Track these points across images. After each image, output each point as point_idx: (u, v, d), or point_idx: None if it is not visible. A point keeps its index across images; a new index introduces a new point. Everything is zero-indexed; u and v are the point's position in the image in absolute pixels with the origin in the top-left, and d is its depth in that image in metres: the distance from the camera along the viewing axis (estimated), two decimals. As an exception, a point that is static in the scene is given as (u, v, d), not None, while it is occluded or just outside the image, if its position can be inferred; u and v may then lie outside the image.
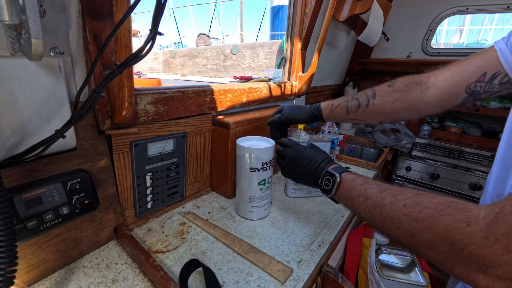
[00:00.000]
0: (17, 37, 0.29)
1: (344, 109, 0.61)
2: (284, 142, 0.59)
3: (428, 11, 1.52)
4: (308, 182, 0.53)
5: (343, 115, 0.62)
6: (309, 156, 0.53)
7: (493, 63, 0.45)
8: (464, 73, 0.48)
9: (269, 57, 1.53)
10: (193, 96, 0.62)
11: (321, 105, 0.64)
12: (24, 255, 0.41)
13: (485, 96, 0.48)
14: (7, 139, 0.36)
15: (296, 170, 0.54)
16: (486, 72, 0.46)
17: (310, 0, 0.95)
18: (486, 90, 0.47)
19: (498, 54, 0.44)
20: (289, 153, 0.55)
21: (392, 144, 1.32)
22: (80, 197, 0.44)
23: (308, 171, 0.52)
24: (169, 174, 0.63)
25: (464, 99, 0.50)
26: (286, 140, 0.59)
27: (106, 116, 0.47)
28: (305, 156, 0.53)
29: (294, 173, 0.54)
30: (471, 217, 0.26)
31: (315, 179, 0.51)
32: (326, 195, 0.48)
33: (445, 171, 1.37)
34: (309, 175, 0.52)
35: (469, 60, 0.49)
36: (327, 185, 0.47)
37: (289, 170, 0.56)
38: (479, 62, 0.47)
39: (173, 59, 2.46)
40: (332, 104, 0.63)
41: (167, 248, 0.53)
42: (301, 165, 0.53)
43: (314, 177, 0.51)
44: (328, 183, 0.47)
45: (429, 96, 0.53)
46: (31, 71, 0.36)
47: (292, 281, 0.46)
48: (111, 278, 0.45)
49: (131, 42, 0.41)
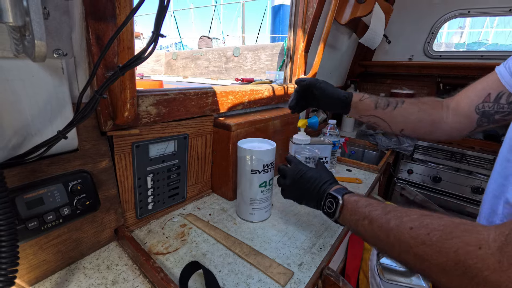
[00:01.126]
0: (20, 38, 0.29)
1: (373, 103, 0.61)
2: (288, 159, 0.58)
3: (430, 14, 1.52)
4: (310, 204, 0.52)
5: (370, 108, 0.61)
6: (312, 177, 0.52)
7: (495, 84, 0.49)
8: (471, 95, 0.53)
9: (271, 59, 1.53)
10: (194, 98, 0.62)
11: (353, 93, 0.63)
12: (25, 255, 0.41)
13: (499, 118, 0.50)
14: (10, 140, 0.36)
15: (298, 191, 0.53)
16: (490, 93, 0.49)
17: (312, 3, 0.95)
18: (496, 110, 0.49)
19: (498, 77, 0.48)
20: (292, 173, 0.54)
21: (394, 146, 1.31)
22: (81, 198, 0.45)
23: (311, 193, 0.51)
24: (170, 176, 0.63)
25: (478, 121, 0.52)
26: (290, 157, 0.59)
27: (108, 118, 0.47)
28: (308, 177, 0.52)
29: (296, 194, 0.54)
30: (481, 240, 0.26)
31: (317, 201, 0.50)
32: (330, 218, 0.48)
33: (447, 174, 1.37)
34: (311, 197, 0.51)
35: (474, 85, 0.54)
36: (330, 208, 0.47)
37: (290, 191, 0.55)
38: (482, 84, 0.52)
39: (175, 61, 2.47)
40: (363, 95, 0.62)
41: (168, 249, 0.53)
42: (303, 186, 0.52)
43: (317, 199, 0.50)
44: (331, 206, 0.46)
45: (447, 116, 0.56)
46: (34, 72, 0.36)
47: (293, 284, 0.46)
48: (111, 280, 0.45)
49: (133, 44, 0.42)
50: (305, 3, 0.96)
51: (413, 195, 1.40)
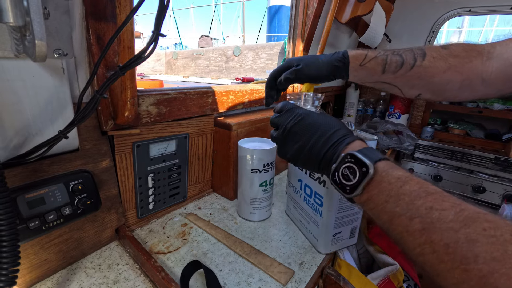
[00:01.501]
0: (21, 38, 0.29)
1: (381, 64, 0.44)
2: (280, 106, 0.41)
3: (431, 13, 1.52)
4: (310, 166, 0.36)
5: (376, 74, 0.45)
6: (315, 124, 0.35)
7: None
8: None
9: (271, 59, 1.53)
10: (195, 97, 0.62)
11: (350, 53, 0.45)
12: (26, 255, 0.41)
13: None
14: (11, 140, 0.36)
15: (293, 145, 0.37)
16: None
17: (312, 2, 0.95)
18: None
19: None
20: (285, 120, 0.38)
21: (394, 146, 1.31)
22: (83, 198, 0.45)
23: (312, 148, 0.35)
24: (171, 175, 0.63)
25: None
26: (283, 103, 0.41)
27: (109, 117, 0.47)
28: (308, 124, 0.36)
29: (291, 150, 0.37)
30: None
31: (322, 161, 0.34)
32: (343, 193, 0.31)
33: (448, 173, 1.37)
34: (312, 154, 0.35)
35: None
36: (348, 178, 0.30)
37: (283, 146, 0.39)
38: None
39: (176, 61, 2.47)
40: (366, 55, 0.45)
41: (169, 249, 0.53)
42: (301, 137, 0.36)
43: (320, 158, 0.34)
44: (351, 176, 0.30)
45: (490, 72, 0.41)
46: (35, 72, 0.36)
47: (294, 283, 0.46)
48: (113, 279, 0.45)
49: (133, 43, 0.42)
50: (305, 2, 0.96)
51: (414, 194, 1.39)
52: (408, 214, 0.24)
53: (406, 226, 0.24)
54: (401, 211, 0.25)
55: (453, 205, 0.23)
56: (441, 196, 0.24)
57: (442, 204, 0.23)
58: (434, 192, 0.24)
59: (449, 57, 0.42)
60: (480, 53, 0.42)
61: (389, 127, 1.39)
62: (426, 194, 0.24)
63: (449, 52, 0.42)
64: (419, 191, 0.25)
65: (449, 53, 0.42)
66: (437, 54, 0.43)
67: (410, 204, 0.25)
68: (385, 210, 0.27)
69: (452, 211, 0.22)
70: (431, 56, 0.43)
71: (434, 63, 0.42)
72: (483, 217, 0.21)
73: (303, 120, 0.37)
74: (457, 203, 0.23)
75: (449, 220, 0.22)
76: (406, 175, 0.27)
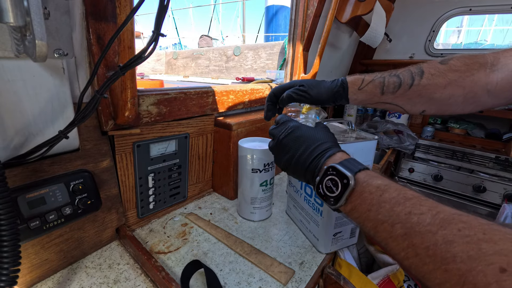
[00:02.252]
0: (21, 38, 0.29)
1: (379, 87, 0.45)
2: (278, 118, 0.44)
3: (431, 12, 1.52)
4: (298, 176, 0.39)
5: (375, 96, 0.46)
6: (302, 137, 0.37)
7: None
8: None
9: (271, 58, 1.53)
10: (195, 97, 0.62)
11: (348, 79, 0.47)
12: (27, 255, 0.41)
13: None
14: (11, 140, 0.36)
15: (283, 155, 0.39)
16: None
17: (312, 2, 0.95)
18: None
19: None
20: (278, 132, 0.41)
21: (395, 145, 1.31)
22: (83, 198, 0.45)
23: (297, 160, 0.36)
24: (171, 175, 0.63)
25: None
26: (280, 116, 0.44)
27: (109, 117, 0.47)
28: (296, 137, 0.38)
29: (282, 160, 0.40)
30: None
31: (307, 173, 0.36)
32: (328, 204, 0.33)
33: (448, 172, 1.36)
34: (298, 166, 0.37)
35: None
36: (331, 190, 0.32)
37: (275, 156, 0.42)
38: None
39: (176, 61, 2.47)
40: (363, 79, 0.46)
41: (169, 249, 0.53)
42: (289, 148, 0.38)
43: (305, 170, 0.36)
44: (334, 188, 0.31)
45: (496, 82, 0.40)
46: (35, 72, 0.36)
47: (294, 283, 0.46)
48: (113, 279, 0.45)
49: (134, 43, 0.42)
50: (305, 2, 0.96)
51: (414, 194, 1.39)
52: (390, 220, 0.26)
53: (390, 232, 0.25)
54: (383, 218, 0.26)
55: (430, 209, 0.24)
56: (419, 201, 0.25)
57: (420, 208, 0.24)
58: (412, 197, 0.26)
59: (448, 72, 0.43)
60: (482, 65, 0.42)
61: (390, 126, 1.39)
62: (405, 199, 0.26)
63: (449, 67, 0.43)
64: (398, 198, 0.26)
65: (448, 68, 0.43)
66: (435, 71, 0.43)
67: (391, 211, 0.26)
68: (369, 218, 0.28)
69: (429, 214, 0.23)
70: (429, 74, 0.43)
71: (433, 80, 0.43)
72: (457, 218, 0.22)
73: (292, 133, 0.39)
74: (434, 206, 0.24)
75: (427, 223, 0.23)
76: (385, 183, 0.28)
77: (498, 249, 0.18)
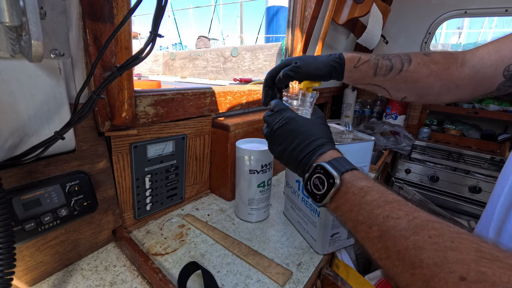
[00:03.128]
0: (17, 38, 0.29)
1: (373, 67, 0.47)
2: (273, 104, 0.43)
3: (427, 15, 1.53)
4: (291, 168, 0.39)
5: (368, 76, 0.47)
6: (296, 130, 0.37)
7: None
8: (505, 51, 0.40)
9: (269, 60, 1.53)
10: (192, 98, 0.62)
11: (345, 56, 0.47)
12: (22, 257, 0.40)
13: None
14: (6, 140, 0.36)
15: (277, 146, 0.40)
16: None
17: (310, 3, 0.95)
18: None
19: None
20: (272, 120, 0.40)
21: (392, 146, 1.32)
22: (79, 199, 0.44)
23: (290, 154, 0.37)
24: (168, 176, 0.63)
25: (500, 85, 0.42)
26: (276, 102, 0.43)
27: (106, 118, 0.47)
28: (290, 129, 0.37)
29: (275, 150, 0.40)
30: None
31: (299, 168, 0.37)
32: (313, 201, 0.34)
33: (444, 173, 1.37)
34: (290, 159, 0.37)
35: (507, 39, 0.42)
36: (318, 188, 0.32)
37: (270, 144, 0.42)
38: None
39: (173, 61, 2.46)
40: (360, 58, 0.47)
41: (166, 250, 0.53)
42: (283, 140, 0.38)
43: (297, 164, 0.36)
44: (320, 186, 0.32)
45: (463, 77, 0.45)
46: (31, 72, 0.36)
47: (292, 284, 0.46)
48: (109, 281, 0.45)
49: (131, 44, 0.42)
50: (303, 3, 0.96)
51: (411, 195, 1.40)
52: (368, 222, 0.27)
53: (367, 233, 0.27)
54: (362, 220, 0.28)
55: (407, 213, 0.25)
56: (398, 205, 0.26)
57: (398, 212, 0.25)
58: (392, 201, 0.27)
59: (431, 63, 0.46)
60: (455, 60, 0.46)
61: (386, 127, 1.40)
62: (385, 203, 0.27)
63: (431, 59, 0.47)
64: (379, 200, 0.27)
65: (430, 60, 0.47)
66: (421, 60, 0.46)
67: (370, 213, 0.27)
68: (350, 218, 0.29)
69: (405, 219, 0.24)
70: (416, 62, 0.46)
71: (419, 69, 0.46)
72: (431, 225, 0.23)
73: (287, 124, 0.38)
74: (411, 212, 0.25)
75: (401, 228, 0.24)
76: (368, 186, 0.29)
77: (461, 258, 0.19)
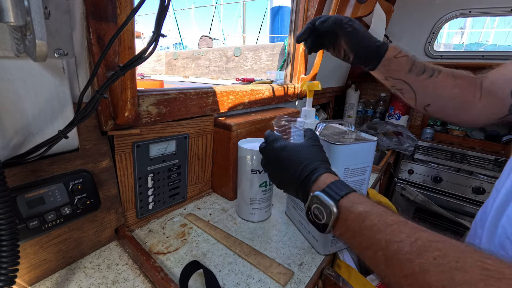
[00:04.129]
0: (21, 38, 0.29)
1: (410, 63, 0.49)
2: (266, 135, 0.45)
3: (431, 14, 1.52)
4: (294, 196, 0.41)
5: (403, 70, 0.49)
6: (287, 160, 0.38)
7: None
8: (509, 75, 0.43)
9: (271, 59, 1.53)
10: (195, 97, 0.62)
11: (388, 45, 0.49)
12: (25, 254, 0.41)
13: None
14: (11, 139, 0.36)
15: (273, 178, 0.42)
16: None
17: (313, 3, 0.95)
18: None
19: None
20: (265, 154, 0.43)
21: (394, 147, 1.31)
22: (82, 198, 0.45)
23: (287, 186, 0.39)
24: (171, 175, 0.63)
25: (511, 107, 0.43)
26: (267, 133, 0.45)
27: (109, 117, 0.47)
28: (280, 160, 0.39)
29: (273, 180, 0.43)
30: None
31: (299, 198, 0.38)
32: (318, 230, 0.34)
33: (447, 174, 1.37)
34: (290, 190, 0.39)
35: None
36: (319, 218, 0.33)
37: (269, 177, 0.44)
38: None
39: (176, 61, 2.47)
40: (400, 51, 0.49)
41: (168, 249, 0.53)
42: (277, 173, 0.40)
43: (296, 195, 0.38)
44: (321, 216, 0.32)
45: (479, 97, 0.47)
46: (35, 72, 0.36)
47: (293, 284, 0.46)
48: (112, 279, 0.45)
49: (134, 43, 0.42)
50: (305, 3, 0.96)
51: (413, 196, 1.39)
52: (372, 248, 0.27)
53: (373, 259, 0.27)
54: (366, 246, 0.28)
55: (409, 235, 0.25)
56: (398, 227, 0.26)
57: (400, 235, 0.25)
58: (392, 223, 0.27)
59: (457, 77, 0.49)
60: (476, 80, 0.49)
61: (389, 128, 1.39)
62: (385, 226, 0.27)
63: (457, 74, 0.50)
64: (379, 225, 0.27)
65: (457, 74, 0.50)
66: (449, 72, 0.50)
67: (372, 238, 0.27)
68: (355, 244, 0.30)
69: (408, 242, 0.24)
70: (444, 73, 0.49)
71: (446, 78, 0.49)
72: (434, 246, 0.23)
73: (278, 155, 0.40)
74: (412, 233, 0.25)
75: (405, 251, 0.24)
76: (366, 210, 0.29)
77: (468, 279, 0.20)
